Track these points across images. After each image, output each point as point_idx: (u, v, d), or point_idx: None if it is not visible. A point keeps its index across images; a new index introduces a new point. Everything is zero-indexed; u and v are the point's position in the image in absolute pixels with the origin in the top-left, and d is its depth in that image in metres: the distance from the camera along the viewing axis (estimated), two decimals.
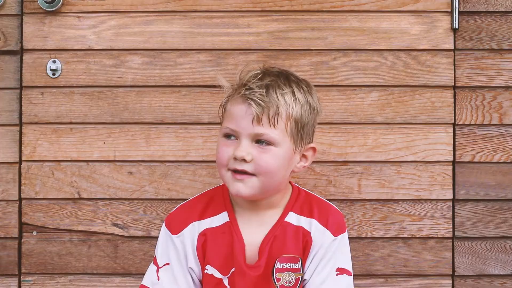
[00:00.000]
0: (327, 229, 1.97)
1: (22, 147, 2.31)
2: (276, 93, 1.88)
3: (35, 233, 2.32)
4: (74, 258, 2.33)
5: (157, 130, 2.32)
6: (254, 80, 1.90)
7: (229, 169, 1.90)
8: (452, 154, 2.31)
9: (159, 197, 2.32)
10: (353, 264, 2.29)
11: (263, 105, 1.86)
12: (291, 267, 1.95)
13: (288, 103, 1.89)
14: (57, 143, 2.32)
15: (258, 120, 1.86)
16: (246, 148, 1.87)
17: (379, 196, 2.31)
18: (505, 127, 2.32)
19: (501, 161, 2.32)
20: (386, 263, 2.32)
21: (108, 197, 2.32)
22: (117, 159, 2.32)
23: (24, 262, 2.32)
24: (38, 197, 2.32)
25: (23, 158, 2.31)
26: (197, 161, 2.31)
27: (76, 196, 2.32)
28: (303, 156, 1.97)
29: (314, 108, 1.95)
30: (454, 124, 2.31)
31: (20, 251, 2.32)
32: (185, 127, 2.32)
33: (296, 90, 1.91)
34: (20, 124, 2.32)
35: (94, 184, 2.32)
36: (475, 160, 2.31)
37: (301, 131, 1.92)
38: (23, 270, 2.33)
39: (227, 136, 1.91)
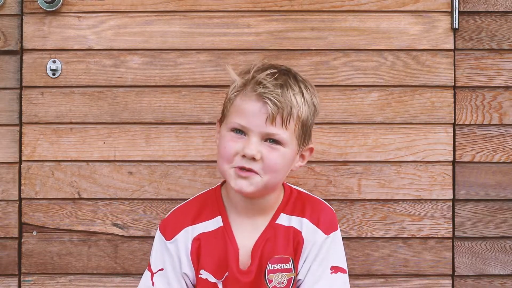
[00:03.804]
0: (319, 228, 1.96)
1: (22, 147, 2.31)
2: (289, 94, 1.87)
3: (35, 233, 2.32)
4: (74, 258, 2.32)
5: (157, 130, 2.32)
6: (270, 79, 1.87)
7: (233, 166, 1.88)
8: (452, 154, 2.31)
9: (159, 197, 2.32)
10: (353, 264, 2.30)
11: (279, 105, 1.85)
12: (283, 267, 1.95)
13: (299, 104, 1.89)
14: (57, 143, 2.32)
15: (272, 119, 1.85)
16: (256, 147, 1.85)
17: (379, 196, 2.31)
18: (505, 127, 2.32)
19: (501, 161, 2.32)
20: (386, 263, 2.32)
21: (108, 197, 2.32)
22: (117, 159, 2.32)
23: (24, 262, 2.32)
24: (38, 197, 2.32)
25: (23, 158, 2.31)
26: (197, 161, 2.31)
27: (76, 196, 2.32)
28: (301, 155, 1.98)
29: (316, 109, 1.96)
30: (454, 124, 2.31)
31: (20, 251, 2.32)
32: (185, 127, 2.32)
33: (304, 91, 1.91)
34: (20, 124, 2.32)
35: (94, 184, 2.32)
36: (475, 160, 2.31)
37: (305, 132, 1.93)
38: (23, 270, 2.33)
39: (235, 130, 1.88)
